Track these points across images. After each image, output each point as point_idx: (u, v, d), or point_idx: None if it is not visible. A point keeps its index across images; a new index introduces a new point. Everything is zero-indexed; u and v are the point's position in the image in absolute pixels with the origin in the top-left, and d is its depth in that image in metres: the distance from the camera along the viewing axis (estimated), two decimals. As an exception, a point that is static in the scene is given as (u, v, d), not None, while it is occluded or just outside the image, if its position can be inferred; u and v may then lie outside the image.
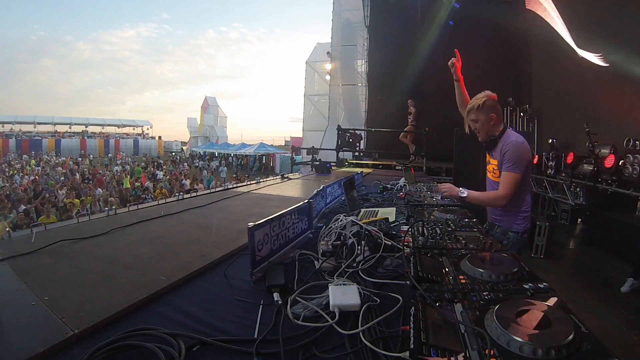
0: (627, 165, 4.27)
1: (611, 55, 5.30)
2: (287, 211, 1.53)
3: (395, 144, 9.19)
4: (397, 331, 0.90)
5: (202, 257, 1.48)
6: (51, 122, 37.76)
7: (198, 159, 28.80)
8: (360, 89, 12.08)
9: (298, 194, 3.57)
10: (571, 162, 5.60)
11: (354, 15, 11.86)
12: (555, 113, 7.19)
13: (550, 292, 0.90)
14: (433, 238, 1.41)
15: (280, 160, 23.42)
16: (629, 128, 4.80)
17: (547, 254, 5.13)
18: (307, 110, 14.01)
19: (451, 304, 0.84)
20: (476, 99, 2.03)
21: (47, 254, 1.49)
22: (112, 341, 0.84)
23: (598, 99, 5.62)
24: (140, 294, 1.11)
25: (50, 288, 1.15)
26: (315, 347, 0.87)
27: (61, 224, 2.14)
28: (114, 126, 42.42)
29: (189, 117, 40.80)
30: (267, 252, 1.36)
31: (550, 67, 7.37)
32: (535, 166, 6.79)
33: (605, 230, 5.22)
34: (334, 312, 0.97)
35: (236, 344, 0.88)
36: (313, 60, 14.00)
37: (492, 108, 2.01)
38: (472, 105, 2.03)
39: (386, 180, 4.10)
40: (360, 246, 1.37)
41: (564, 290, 3.88)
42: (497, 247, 1.32)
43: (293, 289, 1.15)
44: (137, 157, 29.48)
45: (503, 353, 0.65)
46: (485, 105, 1.99)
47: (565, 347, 0.64)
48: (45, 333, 0.89)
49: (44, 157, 25.29)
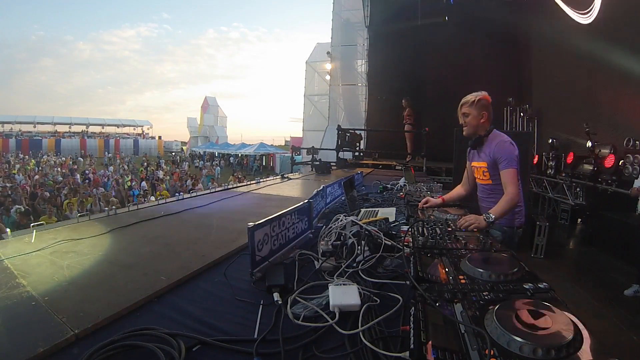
0: (627, 165, 4.27)
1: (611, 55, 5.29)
2: (287, 211, 1.53)
3: (395, 144, 9.19)
4: (397, 331, 0.90)
5: (202, 257, 1.48)
6: (51, 122, 37.78)
7: (198, 159, 28.80)
8: (360, 89, 12.07)
9: (298, 194, 3.57)
10: (571, 162, 5.61)
11: (354, 15, 11.84)
12: (555, 113, 7.19)
13: (550, 292, 0.89)
14: (433, 238, 1.41)
15: (280, 160, 23.42)
16: (629, 128, 4.80)
17: (547, 254, 5.13)
18: (307, 110, 13.99)
19: (451, 304, 0.84)
20: (471, 95, 2.09)
21: (47, 254, 1.49)
22: (112, 341, 0.84)
23: (598, 99, 5.62)
24: (140, 294, 1.12)
25: (50, 288, 1.15)
26: (315, 347, 0.87)
27: (61, 224, 2.14)
28: (114, 126, 42.43)
29: (189, 117, 40.87)
30: (267, 252, 1.36)
31: (550, 67, 7.36)
32: (535, 166, 6.79)
33: (605, 230, 5.21)
34: (334, 312, 0.97)
35: (236, 344, 0.88)
36: (313, 60, 13.98)
37: (485, 107, 2.08)
38: (466, 99, 2.10)
39: (386, 180, 4.10)
40: (360, 246, 1.37)
41: (564, 290, 3.87)
42: (497, 247, 1.32)
43: (293, 289, 1.15)
44: (137, 157, 29.47)
45: (503, 353, 0.64)
46: (479, 102, 2.06)
47: (565, 347, 0.64)
48: (45, 333, 0.89)
49: (44, 157, 25.29)
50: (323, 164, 6.09)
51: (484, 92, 2.08)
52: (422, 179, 4.17)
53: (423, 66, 9.47)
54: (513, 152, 1.99)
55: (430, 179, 4.51)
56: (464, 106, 2.10)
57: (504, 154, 1.99)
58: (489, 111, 2.09)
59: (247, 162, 26.85)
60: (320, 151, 7.68)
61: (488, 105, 2.08)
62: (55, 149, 31.45)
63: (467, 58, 8.60)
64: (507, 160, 1.98)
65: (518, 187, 1.97)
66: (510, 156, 1.98)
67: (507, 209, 1.94)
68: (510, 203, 1.94)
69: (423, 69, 9.47)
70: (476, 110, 2.06)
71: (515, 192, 1.94)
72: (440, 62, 9.05)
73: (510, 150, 1.99)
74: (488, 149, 2.08)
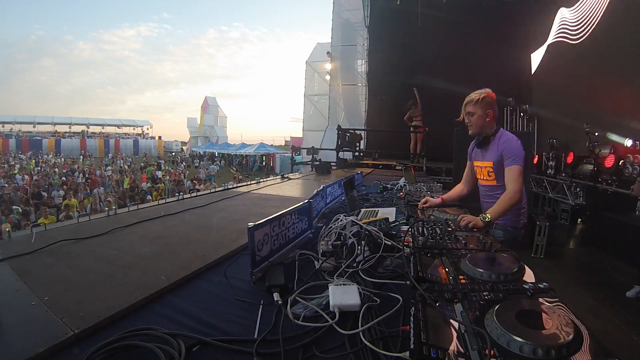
0: (627, 165, 4.27)
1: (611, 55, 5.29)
2: (287, 211, 1.53)
3: (395, 144, 9.19)
4: (397, 331, 0.90)
5: (202, 257, 1.48)
6: (51, 122, 37.80)
7: (198, 159, 28.82)
8: (360, 89, 12.08)
9: (298, 194, 3.57)
10: (571, 162, 5.60)
11: (354, 15, 11.85)
12: (555, 113, 7.19)
13: (550, 292, 0.89)
14: (433, 238, 1.41)
15: (280, 160, 23.42)
16: (629, 128, 4.79)
17: (547, 254, 5.13)
18: (307, 110, 14.00)
19: (451, 304, 0.84)
20: (475, 93, 2.05)
21: (47, 254, 1.48)
22: (112, 341, 0.84)
23: (598, 99, 5.62)
24: (140, 294, 1.11)
25: (50, 288, 1.15)
26: (315, 347, 0.87)
27: (61, 224, 2.15)
28: (114, 126, 42.45)
29: (189, 117, 40.97)
30: (267, 252, 1.36)
31: (550, 67, 7.36)
32: (535, 166, 6.79)
33: (605, 230, 5.21)
34: (334, 312, 0.97)
35: (236, 344, 0.88)
36: (313, 60, 13.99)
37: (490, 105, 2.04)
38: (470, 98, 2.05)
39: (386, 180, 4.10)
40: (360, 246, 1.37)
41: (564, 290, 3.87)
42: (497, 247, 1.32)
43: (293, 289, 1.15)
44: (137, 157, 29.47)
45: (503, 353, 0.64)
46: (483, 100, 2.02)
47: (565, 347, 0.64)
48: (45, 333, 0.89)
49: (44, 157, 25.29)
50: (323, 164, 6.08)
51: (487, 90, 2.04)
52: (422, 179, 4.17)
53: (423, 66, 9.47)
54: (521, 150, 1.96)
55: (430, 179, 4.51)
56: (468, 105, 2.06)
57: (511, 150, 1.95)
58: (494, 109, 2.04)
59: (247, 162, 26.87)
60: (320, 151, 7.67)
61: (493, 102, 2.04)
62: (55, 149, 31.45)
63: (467, 58, 8.60)
64: (513, 157, 1.95)
65: (520, 186, 1.92)
66: (517, 153, 1.95)
67: (506, 208, 1.88)
68: (509, 202, 1.88)
69: (423, 68, 9.47)
70: (481, 109, 2.02)
71: (515, 191, 1.89)
72: (440, 62, 9.05)
73: (518, 147, 1.96)
74: (495, 147, 2.04)
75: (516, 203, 1.93)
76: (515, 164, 1.94)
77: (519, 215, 2.09)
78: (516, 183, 1.91)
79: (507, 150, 1.97)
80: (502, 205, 1.88)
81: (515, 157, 1.94)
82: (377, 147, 9.57)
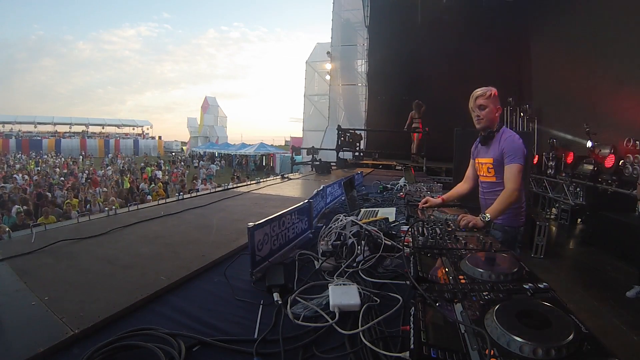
0: (627, 165, 4.27)
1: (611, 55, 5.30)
2: (287, 211, 1.53)
3: (395, 144, 9.20)
4: (397, 331, 0.90)
5: (202, 257, 1.48)
6: (51, 122, 37.77)
7: (198, 159, 28.82)
8: (360, 89, 12.08)
9: (298, 194, 3.57)
10: (571, 162, 5.61)
11: (354, 15, 11.85)
12: (555, 113, 7.19)
13: (550, 292, 0.89)
14: (433, 238, 1.41)
15: (280, 160, 23.42)
16: (629, 128, 4.80)
17: (547, 254, 5.13)
18: (307, 110, 13.99)
19: (451, 304, 0.84)
20: (484, 88, 2.06)
21: (47, 254, 1.49)
22: (112, 341, 0.84)
23: (598, 98, 5.62)
24: (140, 294, 1.11)
25: (50, 288, 1.15)
26: (315, 347, 0.87)
27: (61, 224, 2.14)
28: (114, 126, 42.43)
29: (189, 117, 40.89)
30: (267, 252, 1.36)
31: (550, 67, 7.36)
32: (535, 166, 6.79)
33: (605, 230, 5.21)
34: (334, 312, 0.97)
35: (236, 344, 0.88)
36: (313, 60, 13.99)
37: (498, 101, 2.07)
38: (484, 91, 2.05)
39: (386, 180, 4.10)
40: (360, 246, 1.37)
41: (564, 290, 3.87)
42: (497, 247, 1.32)
43: (293, 289, 1.15)
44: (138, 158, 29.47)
45: (503, 353, 0.64)
46: (496, 96, 2.05)
47: (565, 347, 0.64)
48: (45, 333, 0.89)
49: (44, 157, 25.29)
50: (323, 164, 6.08)
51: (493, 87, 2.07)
52: (422, 179, 4.17)
53: (423, 66, 9.47)
54: (522, 148, 1.98)
55: (430, 179, 4.51)
56: (480, 98, 2.05)
57: (512, 148, 1.97)
58: (499, 106, 2.09)
59: (247, 162, 26.88)
60: (320, 151, 7.67)
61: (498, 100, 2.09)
62: (55, 149, 31.45)
63: (467, 58, 8.60)
64: (514, 155, 1.95)
65: (519, 185, 1.93)
66: (518, 151, 1.96)
67: (505, 206, 1.89)
68: (507, 200, 1.89)
69: (423, 69, 9.47)
70: (493, 104, 2.05)
71: (514, 189, 1.90)
72: (440, 62, 9.05)
73: (519, 146, 1.97)
74: (497, 144, 2.06)
75: (514, 201, 1.94)
76: (515, 162, 1.95)
77: (518, 215, 2.09)
78: (515, 181, 1.92)
79: (508, 148, 1.98)
80: (501, 204, 1.90)
81: (515, 156, 1.95)
82: (377, 147, 9.56)
